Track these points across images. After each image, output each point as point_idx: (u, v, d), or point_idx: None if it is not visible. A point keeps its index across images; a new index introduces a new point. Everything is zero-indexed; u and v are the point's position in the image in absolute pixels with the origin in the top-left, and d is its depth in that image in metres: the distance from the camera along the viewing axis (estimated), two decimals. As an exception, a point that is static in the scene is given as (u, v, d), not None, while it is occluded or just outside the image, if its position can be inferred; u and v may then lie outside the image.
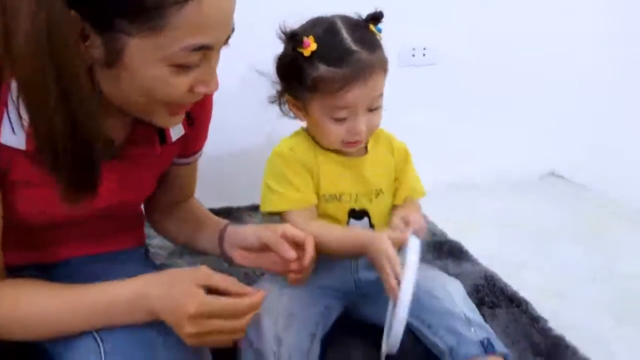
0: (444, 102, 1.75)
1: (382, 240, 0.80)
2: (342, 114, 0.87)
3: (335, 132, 0.89)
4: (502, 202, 1.75)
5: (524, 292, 1.15)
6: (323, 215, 0.93)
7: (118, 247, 0.86)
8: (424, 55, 1.72)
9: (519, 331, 1.03)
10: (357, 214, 0.95)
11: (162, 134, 0.81)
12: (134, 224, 0.94)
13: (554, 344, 0.99)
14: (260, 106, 0.98)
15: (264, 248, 0.81)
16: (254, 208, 1.53)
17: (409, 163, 1.01)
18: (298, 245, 0.78)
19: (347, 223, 0.94)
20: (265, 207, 0.92)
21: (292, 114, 0.95)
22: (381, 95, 0.90)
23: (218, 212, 1.59)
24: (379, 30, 0.89)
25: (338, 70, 0.84)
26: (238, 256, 0.86)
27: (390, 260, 0.79)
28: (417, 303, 0.89)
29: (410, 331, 0.91)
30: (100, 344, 0.65)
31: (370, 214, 0.95)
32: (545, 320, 1.05)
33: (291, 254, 0.77)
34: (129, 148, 0.77)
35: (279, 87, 0.94)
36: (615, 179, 1.74)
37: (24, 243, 0.76)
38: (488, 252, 1.34)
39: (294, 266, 0.78)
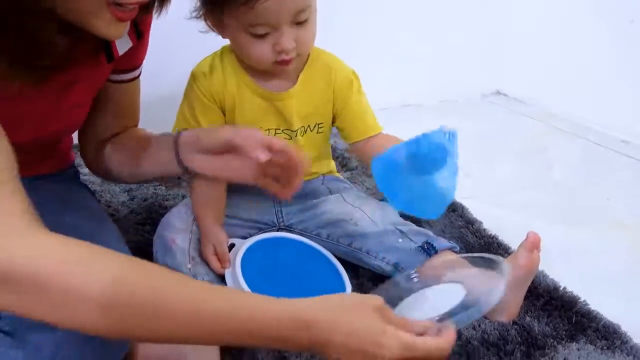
0: (386, 18, 1.72)
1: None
2: (260, 29, 0.74)
3: (259, 51, 0.76)
4: (447, 120, 1.77)
5: (461, 200, 1.20)
6: None
7: (39, 172, 0.80)
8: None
9: (454, 233, 1.07)
10: None
11: (108, 49, 0.71)
12: (62, 149, 0.87)
13: (487, 243, 1.04)
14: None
15: (227, 150, 0.73)
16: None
17: (355, 94, 0.88)
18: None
19: None
20: None
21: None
22: (308, 7, 0.76)
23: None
24: None
25: None
26: (197, 161, 0.75)
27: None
28: (348, 233, 0.90)
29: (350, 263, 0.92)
30: None
31: None
32: (480, 222, 1.10)
33: (262, 155, 0.68)
34: (70, 70, 0.67)
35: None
36: (556, 94, 1.79)
37: None
38: (430, 166, 1.38)
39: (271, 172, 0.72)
